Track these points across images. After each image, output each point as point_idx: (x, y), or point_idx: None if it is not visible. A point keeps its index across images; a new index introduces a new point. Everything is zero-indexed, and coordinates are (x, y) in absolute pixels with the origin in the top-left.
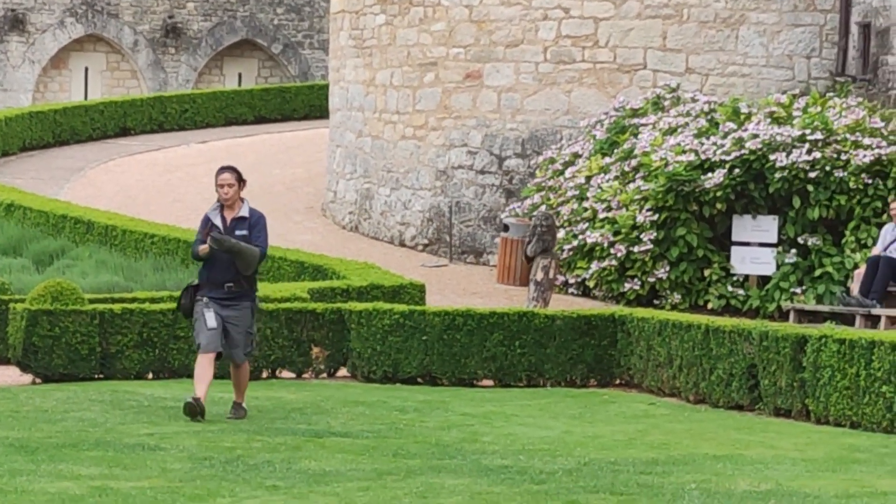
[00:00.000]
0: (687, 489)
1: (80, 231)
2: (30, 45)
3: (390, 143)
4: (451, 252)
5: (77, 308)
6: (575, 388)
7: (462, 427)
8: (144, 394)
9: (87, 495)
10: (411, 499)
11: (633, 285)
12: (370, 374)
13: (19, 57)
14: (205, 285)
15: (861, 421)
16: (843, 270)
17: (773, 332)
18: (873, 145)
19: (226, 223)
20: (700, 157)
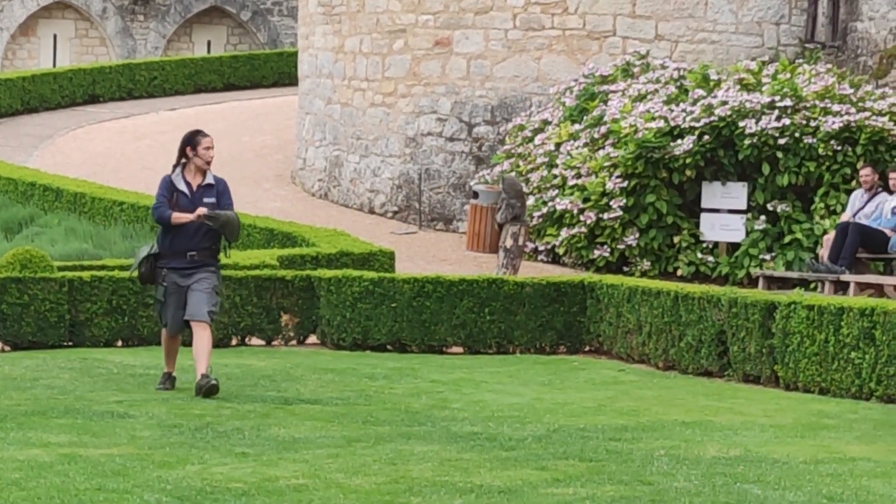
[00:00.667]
0: (656, 455)
1: (48, 199)
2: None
3: (359, 110)
4: (420, 219)
5: (46, 276)
6: (544, 355)
7: (431, 394)
8: (114, 361)
9: (57, 462)
10: (381, 465)
11: (603, 252)
12: (340, 341)
13: None
14: (167, 254)
15: (830, 387)
16: (812, 237)
17: (742, 298)
18: (842, 112)
19: (192, 189)
20: (669, 124)
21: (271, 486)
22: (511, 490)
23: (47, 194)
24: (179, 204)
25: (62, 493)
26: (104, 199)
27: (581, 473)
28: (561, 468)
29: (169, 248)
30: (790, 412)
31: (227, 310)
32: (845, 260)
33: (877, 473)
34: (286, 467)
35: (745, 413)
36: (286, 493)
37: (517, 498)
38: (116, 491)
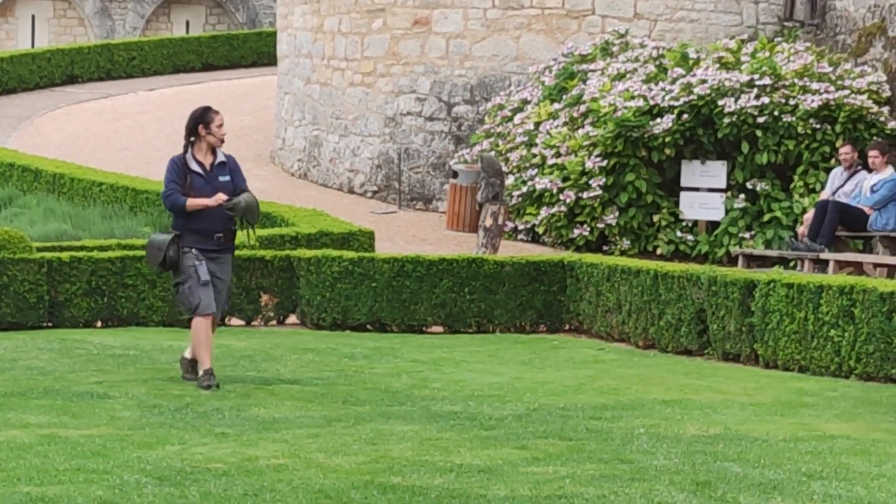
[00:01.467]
0: (636, 434)
1: (27, 179)
2: None
3: (339, 89)
4: (400, 199)
5: (25, 256)
6: (524, 334)
7: (411, 373)
8: (93, 342)
9: (36, 443)
10: (361, 445)
11: (583, 231)
12: (319, 321)
13: None
14: (190, 236)
15: (809, 365)
16: (791, 215)
17: (721, 276)
18: (821, 90)
19: (206, 169)
20: (649, 103)
21: (251, 466)
22: (491, 469)
23: (26, 175)
24: (194, 186)
25: (42, 473)
26: (83, 179)
27: (561, 452)
28: (541, 447)
29: (194, 231)
30: (770, 390)
31: None
32: (824, 238)
33: (856, 451)
34: (266, 447)
35: (724, 391)
36: (266, 473)
37: (497, 477)
38: (96, 471)
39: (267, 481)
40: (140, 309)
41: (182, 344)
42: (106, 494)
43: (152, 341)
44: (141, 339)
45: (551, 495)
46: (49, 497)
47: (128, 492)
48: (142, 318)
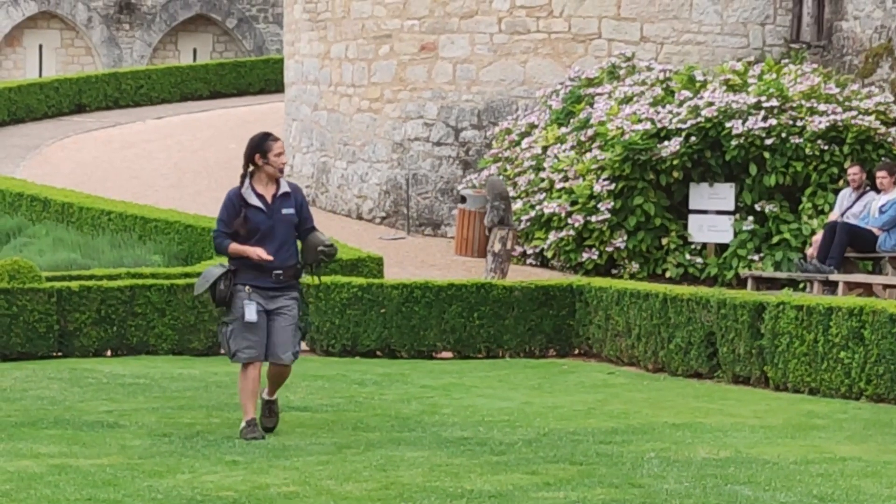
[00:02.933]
0: (646, 458)
1: (36, 209)
2: None
3: (346, 116)
4: (408, 224)
5: (34, 286)
6: (534, 359)
7: (421, 399)
8: (103, 371)
9: (47, 473)
10: (371, 472)
11: (591, 255)
12: (329, 347)
13: None
14: (246, 272)
15: (819, 387)
16: (800, 237)
17: (731, 299)
18: (829, 111)
19: (267, 202)
20: (656, 126)
21: (262, 494)
22: (502, 494)
23: (35, 205)
24: (254, 221)
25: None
26: (92, 208)
27: (572, 477)
28: (551, 472)
29: (249, 266)
30: (780, 413)
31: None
32: (834, 260)
33: (867, 473)
34: (277, 475)
35: (734, 414)
36: (277, 501)
37: (508, 502)
38: (107, 501)
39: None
40: (150, 337)
41: (192, 372)
42: None
43: (162, 370)
44: (151, 367)
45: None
46: None
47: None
48: (151, 346)
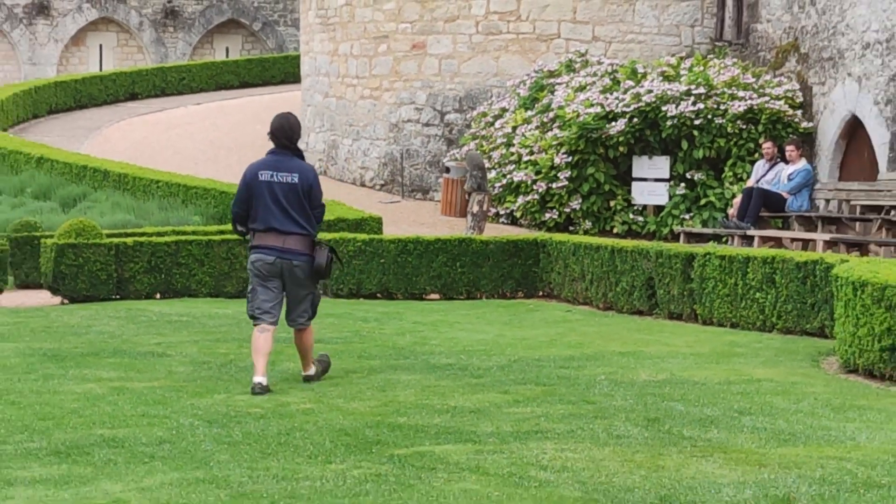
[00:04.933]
0: (598, 380)
1: (98, 178)
2: (54, 27)
3: (351, 102)
4: (402, 190)
5: (97, 242)
6: (505, 300)
7: (414, 333)
8: (153, 311)
9: (108, 394)
10: (373, 392)
11: (552, 215)
12: (338, 291)
13: (45, 37)
14: None
15: (739, 322)
16: (723, 200)
17: (666, 250)
18: (746, 97)
19: None
20: (605, 110)
21: (284, 411)
22: (480, 410)
23: (96, 175)
24: None
25: (113, 418)
26: (143, 178)
27: (537, 396)
28: (520, 391)
29: None
30: (707, 343)
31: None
32: (750, 218)
33: (778, 391)
34: (296, 395)
35: (670, 344)
36: (296, 416)
37: (485, 416)
38: (157, 416)
39: (297, 422)
40: (191, 283)
41: (227, 311)
42: (165, 435)
43: (202, 309)
44: (192, 307)
45: (529, 431)
46: (119, 438)
47: (183, 433)
48: (193, 290)
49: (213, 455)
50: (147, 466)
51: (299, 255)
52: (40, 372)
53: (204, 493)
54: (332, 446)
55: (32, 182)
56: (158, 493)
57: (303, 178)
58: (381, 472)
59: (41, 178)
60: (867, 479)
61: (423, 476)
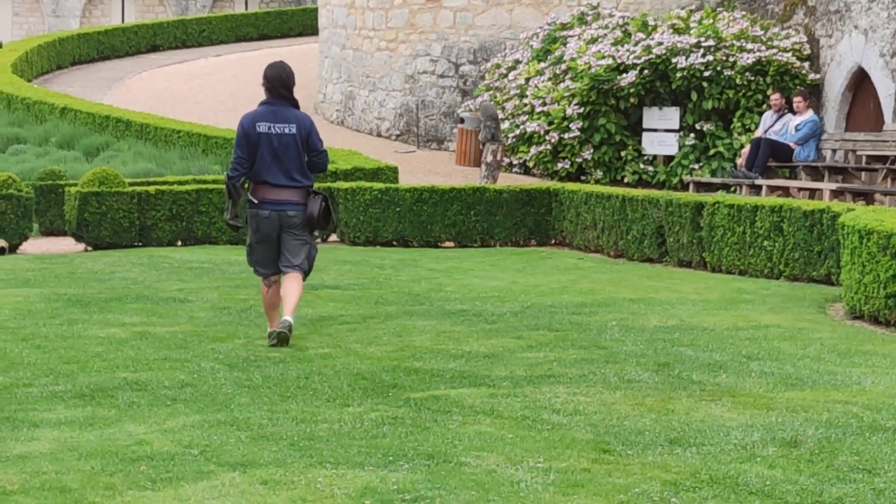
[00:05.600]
0: (609, 325)
1: (120, 128)
2: None
3: (368, 54)
4: (418, 140)
5: (119, 190)
6: (519, 247)
7: (429, 279)
8: (174, 257)
9: (131, 339)
10: (389, 337)
11: (565, 165)
12: (355, 239)
13: None
14: None
15: (747, 269)
16: (731, 150)
17: (676, 199)
18: (755, 50)
19: None
20: (617, 62)
21: (302, 355)
22: (493, 355)
23: (119, 125)
24: None
25: (136, 362)
26: (165, 128)
27: (549, 341)
28: (533, 337)
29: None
30: (715, 290)
31: None
32: (758, 168)
33: (785, 337)
34: (314, 339)
35: (679, 291)
36: (315, 360)
37: (498, 361)
38: (179, 360)
39: (315, 367)
40: (212, 231)
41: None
42: (187, 378)
43: (222, 256)
44: (212, 254)
45: (542, 375)
46: (142, 381)
47: (204, 376)
48: (213, 238)
49: (234, 398)
50: (169, 409)
51: (294, 206)
52: (65, 317)
53: (225, 434)
54: (350, 390)
55: (56, 132)
56: (181, 435)
57: (300, 126)
58: (398, 415)
59: (65, 127)
60: (872, 423)
61: (438, 419)
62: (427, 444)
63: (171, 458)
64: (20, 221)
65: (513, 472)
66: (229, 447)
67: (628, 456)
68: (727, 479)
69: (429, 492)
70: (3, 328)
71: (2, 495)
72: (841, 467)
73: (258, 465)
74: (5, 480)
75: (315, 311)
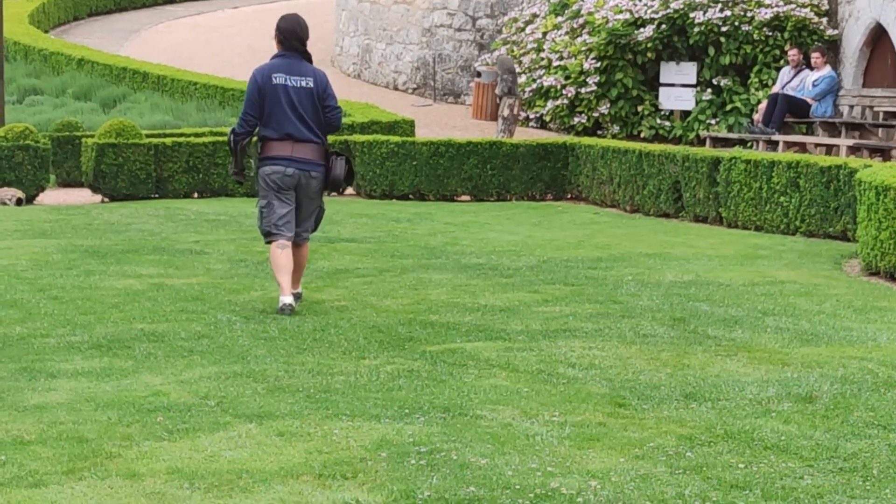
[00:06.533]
0: (625, 280)
1: (137, 80)
2: None
3: (385, 7)
4: (434, 94)
5: (136, 142)
6: (535, 202)
7: (445, 233)
8: (191, 209)
9: (147, 290)
10: (405, 290)
11: (581, 119)
12: (371, 192)
13: None
14: None
15: (763, 225)
16: (748, 105)
17: (693, 154)
18: (773, 4)
19: None
20: (634, 16)
21: (319, 308)
22: (510, 309)
23: (136, 77)
24: None
25: (152, 314)
26: (182, 80)
27: (565, 295)
28: (549, 291)
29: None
30: (732, 245)
31: None
32: (775, 124)
33: (801, 293)
34: (330, 292)
35: (695, 246)
36: (331, 313)
37: (515, 315)
38: (196, 312)
39: (331, 319)
40: (228, 183)
41: None
42: (204, 330)
43: (238, 209)
44: (229, 207)
45: (557, 329)
46: (159, 332)
47: (221, 328)
48: (229, 190)
49: (250, 350)
50: (186, 360)
51: (316, 166)
52: (82, 268)
53: (241, 385)
54: (366, 342)
55: (73, 83)
56: (197, 386)
57: (317, 81)
58: (414, 367)
59: (82, 79)
60: (888, 379)
61: (454, 372)
62: (443, 397)
63: (188, 410)
64: (37, 172)
65: (528, 425)
66: (245, 399)
67: (643, 410)
68: (742, 433)
69: (444, 444)
70: (20, 279)
71: (19, 445)
72: (856, 423)
73: (274, 416)
74: (23, 430)
75: (331, 263)
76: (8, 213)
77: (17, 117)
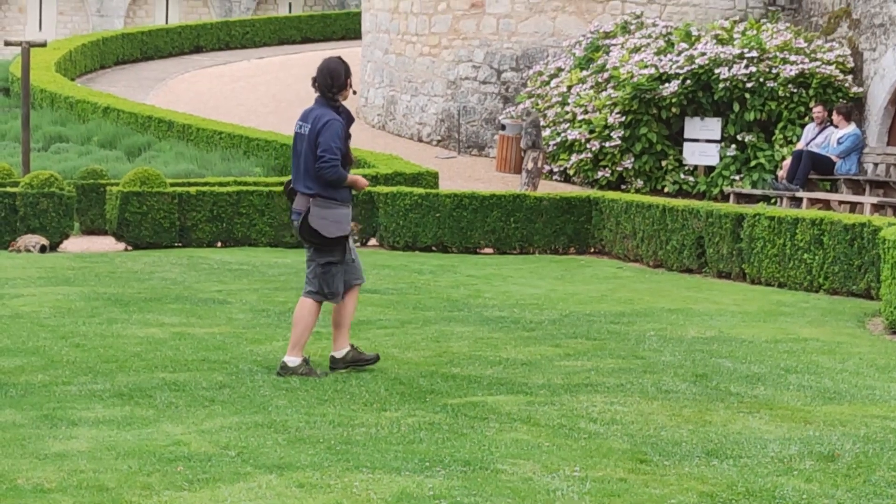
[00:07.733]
0: (647, 335)
1: (162, 129)
2: None
3: (410, 59)
4: (459, 146)
5: (160, 190)
6: (558, 255)
7: (468, 286)
8: (214, 258)
9: (170, 339)
10: (427, 342)
11: (605, 173)
12: (394, 243)
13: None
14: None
15: (787, 282)
16: (773, 162)
17: (716, 210)
18: (798, 61)
19: None
20: (659, 71)
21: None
22: (531, 362)
23: (161, 125)
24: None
25: (174, 363)
26: (206, 129)
27: (587, 349)
28: (571, 345)
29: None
30: (755, 301)
31: None
32: (799, 180)
33: (824, 350)
34: (353, 343)
35: (718, 302)
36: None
37: (536, 369)
38: (217, 361)
39: (353, 370)
40: (252, 233)
41: (286, 261)
42: (225, 380)
43: (261, 258)
44: (252, 256)
45: (579, 384)
46: (180, 382)
47: (242, 378)
48: (253, 239)
49: (272, 400)
50: (207, 410)
51: (297, 215)
52: (104, 316)
53: (262, 436)
54: (387, 394)
55: (99, 131)
56: (218, 436)
57: (313, 126)
58: (435, 420)
59: (107, 127)
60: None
61: (475, 425)
62: (464, 451)
63: (209, 459)
64: (61, 220)
65: (549, 480)
66: (266, 449)
67: (665, 466)
68: (764, 492)
69: (465, 498)
70: (43, 326)
71: (40, 493)
72: (878, 482)
73: (295, 467)
74: (43, 478)
75: (354, 315)
76: (32, 260)
77: (43, 164)
